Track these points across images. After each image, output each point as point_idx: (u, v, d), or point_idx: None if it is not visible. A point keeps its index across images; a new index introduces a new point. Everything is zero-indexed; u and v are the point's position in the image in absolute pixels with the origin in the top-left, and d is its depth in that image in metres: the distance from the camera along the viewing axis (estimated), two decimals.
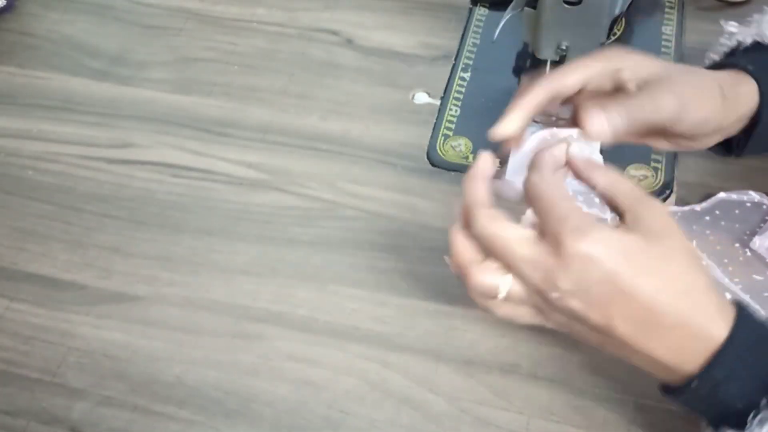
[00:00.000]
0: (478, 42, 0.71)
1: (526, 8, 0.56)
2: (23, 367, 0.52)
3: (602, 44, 0.56)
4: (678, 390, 0.39)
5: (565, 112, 0.47)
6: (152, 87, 0.70)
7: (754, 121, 0.48)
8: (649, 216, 0.38)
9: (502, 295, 0.39)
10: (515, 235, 0.39)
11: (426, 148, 0.63)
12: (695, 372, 0.38)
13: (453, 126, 0.64)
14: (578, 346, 0.51)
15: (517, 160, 0.45)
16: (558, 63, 0.59)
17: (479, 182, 0.43)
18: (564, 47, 0.56)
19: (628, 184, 0.40)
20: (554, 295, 0.38)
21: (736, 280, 0.53)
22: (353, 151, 0.63)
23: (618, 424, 0.48)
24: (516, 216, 0.42)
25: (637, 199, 0.39)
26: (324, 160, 0.63)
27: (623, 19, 0.70)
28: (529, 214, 0.42)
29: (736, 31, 0.54)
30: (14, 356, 0.53)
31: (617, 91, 0.45)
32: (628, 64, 0.45)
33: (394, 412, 0.49)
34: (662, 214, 0.39)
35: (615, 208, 0.40)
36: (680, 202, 0.58)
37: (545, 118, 0.48)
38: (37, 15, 0.78)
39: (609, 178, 0.41)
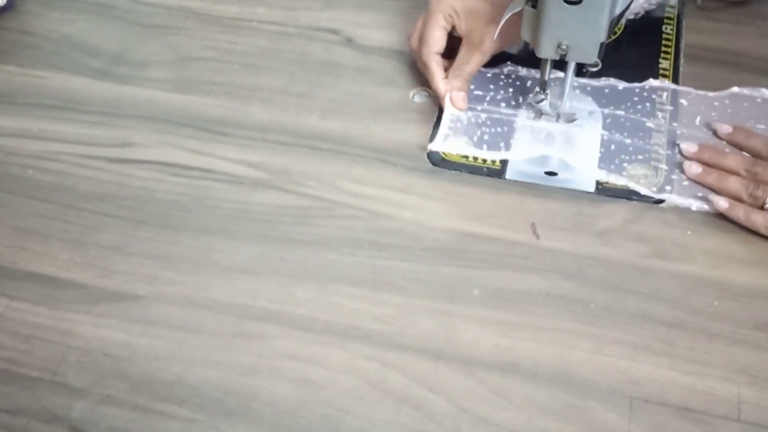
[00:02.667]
0: None
1: (526, 7, 0.56)
2: (23, 366, 0.52)
3: (602, 44, 0.56)
4: None
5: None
6: (152, 86, 0.70)
7: None
8: None
9: None
10: None
11: (426, 147, 0.63)
12: None
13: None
14: (578, 346, 0.51)
15: None
16: (558, 62, 0.59)
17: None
18: (564, 46, 0.56)
19: None
20: None
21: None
22: (353, 151, 0.63)
23: (618, 424, 0.48)
24: None
25: None
26: (324, 159, 0.63)
27: (623, 19, 0.70)
28: None
29: None
30: (14, 355, 0.53)
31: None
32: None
33: (393, 411, 0.49)
34: None
35: None
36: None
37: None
38: (37, 14, 0.78)
39: None
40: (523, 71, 0.67)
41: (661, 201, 0.58)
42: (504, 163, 0.61)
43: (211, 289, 0.55)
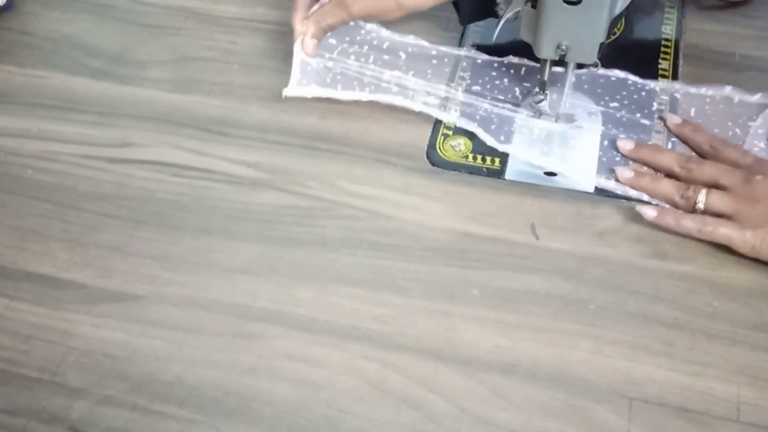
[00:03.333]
0: (478, 42, 0.71)
1: (525, 7, 0.56)
2: (23, 366, 0.52)
3: (602, 44, 0.56)
4: None
5: None
6: (152, 86, 0.70)
7: None
8: None
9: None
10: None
11: (426, 147, 0.63)
12: None
13: (452, 125, 0.64)
14: (578, 347, 0.51)
15: None
16: (558, 62, 0.59)
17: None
18: (564, 47, 0.56)
19: None
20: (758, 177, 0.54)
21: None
22: (353, 151, 0.63)
23: (618, 424, 0.48)
24: None
25: None
26: (324, 159, 0.63)
27: (623, 19, 0.70)
28: None
29: None
30: (14, 355, 0.53)
31: None
32: None
33: (393, 411, 0.49)
34: None
35: None
36: None
37: None
38: (37, 14, 0.78)
39: None
40: (385, 32, 0.70)
41: None
42: (503, 163, 0.61)
43: (211, 290, 0.55)
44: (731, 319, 0.52)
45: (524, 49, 0.61)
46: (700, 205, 0.55)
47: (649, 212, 0.56)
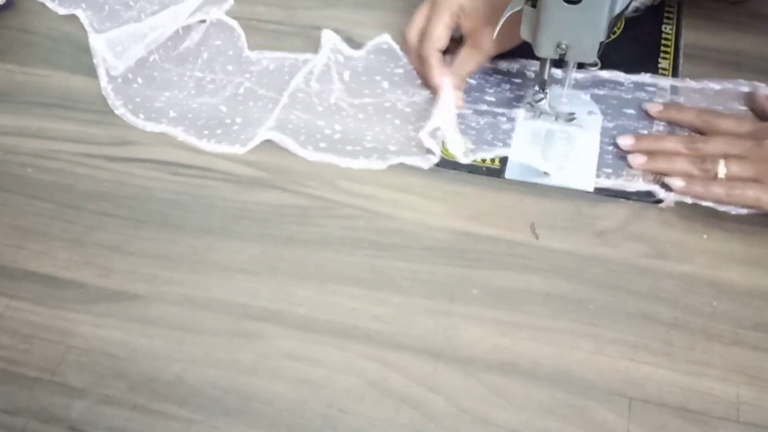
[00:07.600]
0: None
1: (525, 6, 0.56)
2: (22, 365, 0.53)
3: (602, 43, 0.56)
4: None
5: None
6: None
7: None
8: None
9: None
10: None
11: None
12: None
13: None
14: (578, 346, 0.51)
15: None
16: (558, 61, 0.59)
17: None
18: (564, 46, 0.56)
19: None
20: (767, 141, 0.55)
21: None
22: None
23: (617, 424, 0.48)
24: None
25: None
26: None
27: (623, 18, 0.70)
28: None
29: None
30: (13, 354, 0.53)
31: None
32: None
33: (393, 411, 0.49)
34: None
35: None
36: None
37: None
38: (37, 12, 0.77)
39: None
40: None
41: (660, 201, 0.58)
42: (503, 162, 0.61)
43: (211, 289, 0.55)
44: (731, 319, 0.52)
45: (518, 52, 0.62)
46: (721, 175, 0.55)
47: (678, 183, 0.56)
